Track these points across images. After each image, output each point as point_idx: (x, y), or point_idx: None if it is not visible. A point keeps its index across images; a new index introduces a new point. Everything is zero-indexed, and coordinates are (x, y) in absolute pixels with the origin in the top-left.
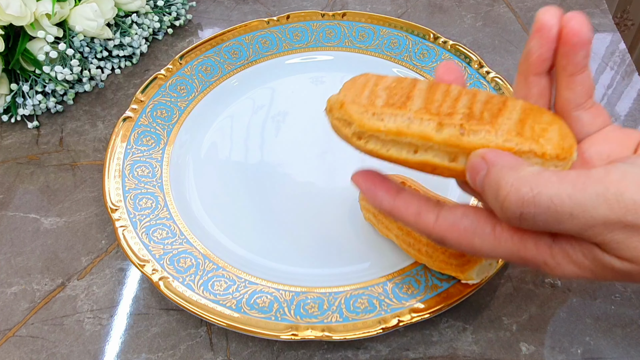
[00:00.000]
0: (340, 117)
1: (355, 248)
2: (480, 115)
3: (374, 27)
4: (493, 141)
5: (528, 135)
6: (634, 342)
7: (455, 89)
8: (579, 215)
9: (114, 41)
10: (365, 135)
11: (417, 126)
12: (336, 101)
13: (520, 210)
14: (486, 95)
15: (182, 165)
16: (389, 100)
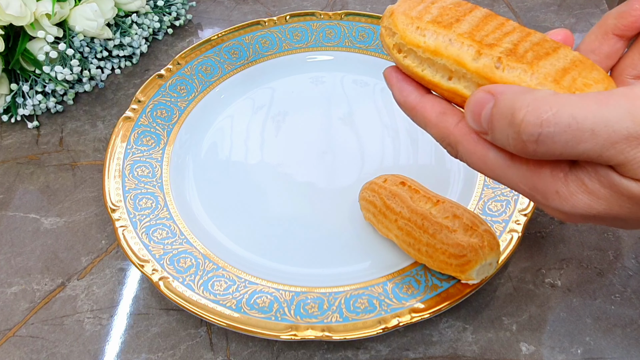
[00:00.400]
0: (387, 26)
1: (355, 248)
2: (523, 54)
3: (374, 27)
4: (526, 81)
5: (565, 85)
6: (634, 342)
7: (511, 24)
8: (602, 131)
9: (114, 41)
10: (405, 48)
11: (455, 49)
12: (389, 9)
13: (539, 130)
14: (541, 37)
15: (182, 165)
16: (438, 18)
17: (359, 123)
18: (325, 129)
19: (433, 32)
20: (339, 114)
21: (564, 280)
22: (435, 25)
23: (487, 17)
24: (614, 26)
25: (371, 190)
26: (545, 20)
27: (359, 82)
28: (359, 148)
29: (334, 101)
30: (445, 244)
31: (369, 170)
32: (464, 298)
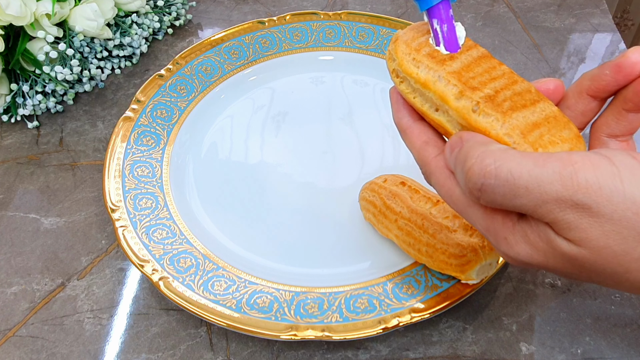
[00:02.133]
0: (390, 50)
1: (355, 248)
2: (501, 102)
3: (374, 27)
4: (496, 129)
5: (531, 140)
6: (634, 342)
7: (502, 70)
8: (534, 189)
9: (114, 41)
10: (401, 74)
11: (441, 85)
12: (395, 35)
13: (481, 181)
14: (525, 88)
15: (182, 165)
16: (435, 53)
17: (359, 123)
18: (325, 129)
19: (426, 66)
20: (339, 114)
21: (564, 280)
22: (430, 60)
23: (480, 59)
24: (588, 87)
25: (371, 190)
26: (545, 20)
27: (359, 82)
28: (359, 148)
29: (334, 101)
30: (445, 244)
31: (369, 170)
32: (464, 298)
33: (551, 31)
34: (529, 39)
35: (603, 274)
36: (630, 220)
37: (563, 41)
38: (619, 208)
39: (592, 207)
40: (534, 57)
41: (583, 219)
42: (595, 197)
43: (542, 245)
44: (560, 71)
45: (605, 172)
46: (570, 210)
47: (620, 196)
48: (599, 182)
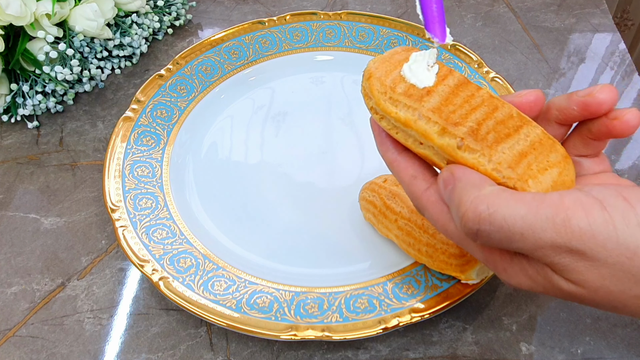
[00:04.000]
0: (365, 87)
1: (355, 248)
2: (484, 135)
3: (374, 27)
4: (483, 165)
5: (520, 172)
6: (634, 342)
7: (481, 96)
8: (529, 236)
9: (114, 41)
10: (379, 112)
11: (422, 124)
12: (367, 70)
13: (477, 227)
14: (506, 113)
15: (182, 165)
16: (411, 89)
17: (359, 123)
18: (325, 129)
19: (404, 105)
20: (339, 114)
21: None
22: (407, 98)
23: (458, 87)
24: (555, 117)
25: (371, 190)
26: (545, 20)
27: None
28: (359, 148)
29: (334, 101)
30: (446, 244)
31: (369, 170)
32: (464, 298)
33: (551, 31)
34: (529, 39)
35: (602, 307)
36: (625, 265)
37: (563, 41)
38: (613, 254)
39: (587, 253)
40: (534, 57)
41: (579, 262)
42: (590, 244)
43: (541, 280)
44: (560, 71)
45: (597, 218)
46: (566, 255)
47: (614, 242)
48: (592, 230)
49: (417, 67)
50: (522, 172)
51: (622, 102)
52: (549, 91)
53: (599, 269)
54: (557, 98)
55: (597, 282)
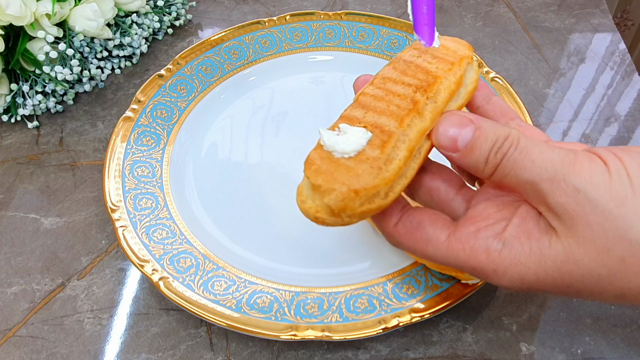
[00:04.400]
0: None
1: (355, 248)
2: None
3: (374, 27)
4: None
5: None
6: (634, 342)
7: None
8: (539, 163)
9: (114, 41)
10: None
11: (409, 138)
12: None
13: (507, 147)
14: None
15: (182, 165)
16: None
17: None
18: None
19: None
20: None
21: None
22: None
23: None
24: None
25: None
26: (545, 20)
27: None
28: None
29: (334, 101)
30: None
31: None
32: (464, 298)
33: (551, 31)
34: (529, 39)
35: (589, 279)
36: (612, 214)
37: (563, 41)
38: (604, 199)
39: (580, 190)
40: (534, 57)
41: (573, 203)
42: (587, 185)
43: (531, 260)
44: (560, 71)
45: (599, 167)
46: (561, 193)
47: (606, 188)
48: (591, 173)
49: (339, 143)
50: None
51: (622, 102)
52: (549, 91)
53: (589, 216)
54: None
55: (585, 231)
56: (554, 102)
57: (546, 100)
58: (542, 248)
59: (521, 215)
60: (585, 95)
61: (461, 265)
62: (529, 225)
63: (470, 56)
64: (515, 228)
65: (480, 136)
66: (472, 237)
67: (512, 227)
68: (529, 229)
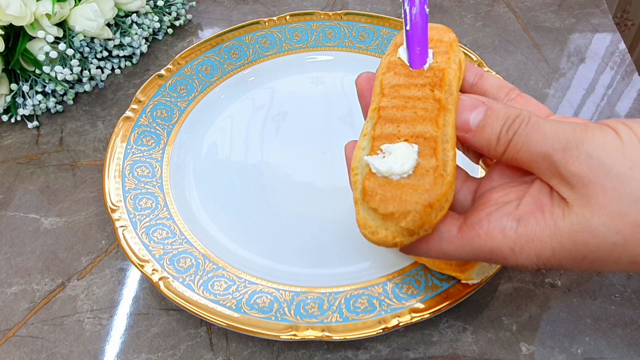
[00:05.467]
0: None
1: (355, 248)
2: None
3: (374, 27)
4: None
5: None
6: (634, 342)
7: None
8: (551, 136)
9: (114, 41)
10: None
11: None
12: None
13: (518, 124)
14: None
15: (182, 165)
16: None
17: (359, 123)
18: (325, 129)
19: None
20: (339, 114)
21: (564, 280)
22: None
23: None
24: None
25: None
26: (545, 20)
27: None
28: None
29: (334, 101)
30: None
31: None
32: (464, 298)
33: (551, 31)
34: (529, 39)
35: (604, 248)
36: (626, 176)
37: (563, 41)
38: (617, 162)
39: (593, 156)
40: (534, 57)
41: (587, 169)
42: (598, 150)
43: (546, 234)
44: (560, 71)
45: (610, 134)
46: (574, 160)
47: (620, 153)
48: (604, 140)
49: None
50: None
51: (622, 102)
52: (549, 91)
53: (603, 181)
54: None
55: (599, 197)
56: (554, 102)
57: (546, 100)
58: (556, 220)
59: (533, 194)
60: (585, 95)
61: (478, 252)
62: (542, 200)
63: (455, 39)
64: (528, 205)
65: (491, 115)
66: (485, 221)
67: (525, 204)
68: (542, 204)
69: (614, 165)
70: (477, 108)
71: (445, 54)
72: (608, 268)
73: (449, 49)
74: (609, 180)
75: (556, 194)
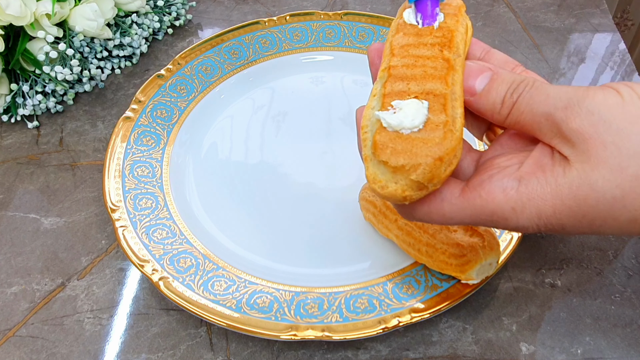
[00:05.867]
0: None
1: (355, 248)
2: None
3: (374, 27)
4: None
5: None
6: (634, 342)
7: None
8: (554, 96)
9: (114, 41)
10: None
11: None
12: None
13: (522, 87)
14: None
15: (182, 165)
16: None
17: None
18: (325, 129)
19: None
20: (339, 114)
21: (564, 280)
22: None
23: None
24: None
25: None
26: (545, 20)
27: (359, 82)
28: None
29: (334, 101)
30: (445, 243)
31: None
32: (464, 298)
33: (551, 31)
34: (529, 39)
35: (603, 203)
36: (627, 131)
37: (563, 41)
38: (618, 118)
39: (594, 112)
40: (534, 57)
41: (587, 124)
42: (599, 106)
43: (547, 192)
44: (560, 71)
45: (609, 91)
46: (575, 117)
47: (620, 108)
48: (605, 97)
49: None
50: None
51: None
52: None
53: (603, 135)
54: None
55: (599, 152)
56: None
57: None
58: (557, 177)
59: (535, 155)
60: None
61: (479, 214)
62: (544, 161)
63: (463, 5)
64: (529, 166)
65: (497, 79)
66: (486, 182)
67: (526, 165)
68: (543, 164)
69: (614, 121)
70: (483, 72)
71: (454, 16)
72: (608, 227)
73: (458, 13)
74: (609, 135)
75: (557, 153)
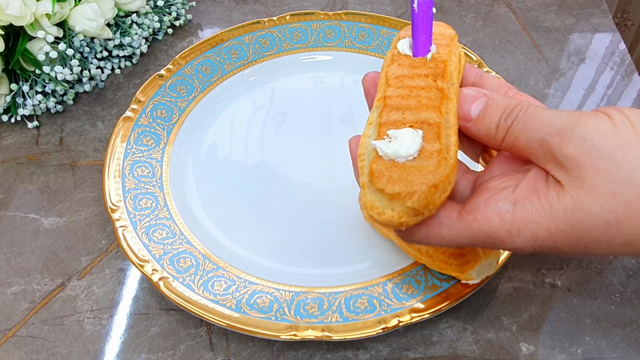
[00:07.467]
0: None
1: (355, 248)
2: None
3: (374, 27)
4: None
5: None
6: (634, 342)
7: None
8: (547, 122)
9: (114, 41)
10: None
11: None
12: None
13: (517, 112)
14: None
15: (182, 165)
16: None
17: (359, 123)
18: (325, 129)
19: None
20: (339, 114)
21: (564, 280)
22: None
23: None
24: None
25: None
26: (545, 20)
27: (359, 82)
28: None
29: (334, 101)
30: None
31: None
32: (464, 298)
33: (551, 31)
34: (529, 39)
35: (597, 228)
36: (618, 159)
37: (563, 41)
38: (610, 145)
39: (587, 139)
40: (534, 57)
41: (580, 152)
42: (593, 134)
43: (542, 216)
44: (560, 71)
45: (603, 119)
46: (569, 144)
47: (612, 136)
48: (598, 125)
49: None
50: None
51: (622, 102)
52: (549, 91)
53: (596, 162)
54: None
55: (592, 178)
56: (554, 102)
57: (546, 100)
58: (551, 202)
59: (529, 179)
60: (585, 95)
61: (476, 236)
62: (538, 185)
63: (456, 35)
64: (524, 189)
65: (492, 105)
66: (482, 205)
67: (521, 189)
68: (538, 188)
69: (606, 148)
70: (478, 99)
71: (447, 46)
72: (602, 250)
73: (450, 43)
74: (601, 162)
75: (551, 178)
